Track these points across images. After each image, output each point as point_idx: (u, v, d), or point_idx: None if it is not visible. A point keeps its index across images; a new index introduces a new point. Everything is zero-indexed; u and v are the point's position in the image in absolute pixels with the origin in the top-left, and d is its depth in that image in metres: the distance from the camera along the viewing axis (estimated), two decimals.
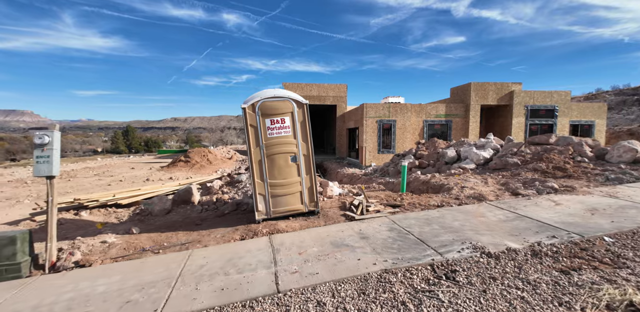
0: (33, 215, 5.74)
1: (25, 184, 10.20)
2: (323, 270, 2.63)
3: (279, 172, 4.24)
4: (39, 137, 3.33)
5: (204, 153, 16.33)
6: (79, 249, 3.63)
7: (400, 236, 3.26)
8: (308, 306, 2.15)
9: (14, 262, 3.17)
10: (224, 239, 3.75)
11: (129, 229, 4.38)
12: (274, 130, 4.19)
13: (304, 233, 3.65)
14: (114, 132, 76.62)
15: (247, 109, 4.10)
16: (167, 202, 5.14)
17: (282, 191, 4.25)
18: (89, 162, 21.90)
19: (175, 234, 4.12)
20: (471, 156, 8.89)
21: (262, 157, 4.17)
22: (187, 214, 5.10)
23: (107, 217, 5.67)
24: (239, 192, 5.87)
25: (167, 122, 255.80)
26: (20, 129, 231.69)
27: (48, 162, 3.37)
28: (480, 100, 18.86)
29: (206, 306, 2.24)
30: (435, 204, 4.43)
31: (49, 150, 3.38)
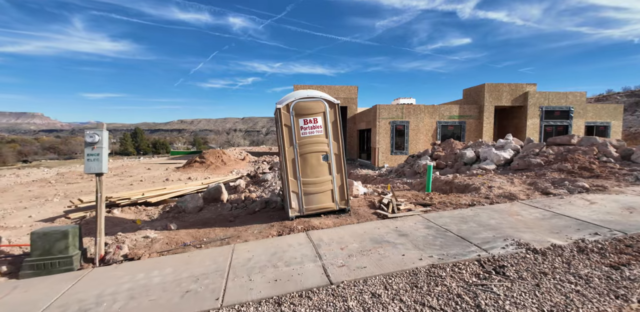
0: (67, 212, 5.96)
1: (50, 184, 10.54)
2: (370, 264, 2.70)
3: (311, 171, 4.33)
4: (90, 136, 3.50)
5: (218, 154, 16.59)
6: (124, 243, 3.78)
7: (440, 233, 3.31)
8: (364, 297, 2.23)
9: (66, 255, 3.33)
10: (262, 234, 3.86)
11: (166, 225, 4.53)
12: (307, 129, 4.30)
13: (340, 230, 3.73)
14: (123, 134, 78.00)
15: (281, 109, 4.22)
16: (200, 200, 5.29)
17: (314, 189, 4.34)
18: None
19: (212, 230, 4.25)
20: (491, 156, 8.86)
21: (296, 156, 4.28)
22: (218, 211, 5.24)
23: (138, 214, 5.85)
24: (266, 190, 5.99)
25: (174, 124, 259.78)
26: (30, 131, 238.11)
27: (98, 159, 3.54)
28: (495, 102, 18.70)
29: (264, 295, 2.34)
30: (467, 203, 4.46)
31: (98, 148, 3.55)
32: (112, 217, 5.55)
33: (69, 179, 11.40)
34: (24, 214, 6.25)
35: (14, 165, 35.03)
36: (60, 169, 17.83)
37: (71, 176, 12.35)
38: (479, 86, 19.21)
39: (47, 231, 3.34)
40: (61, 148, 66.83)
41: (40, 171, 16.42)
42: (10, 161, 38.79)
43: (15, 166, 32.86)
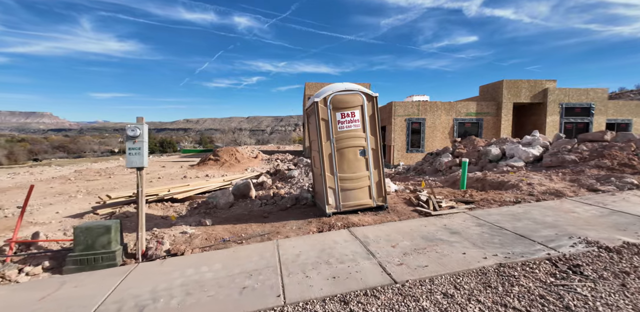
0: (95, 208, 5.99)
1: (70, 181, 10.68)
2: (430, 263, 2.59)
3: (348, 166, 4.23)
4: (132, 130, 3.46)
5: (232, 152, 16.62)
6: (163, 239, 3.74)
7: (495, 231, 3.17)
8: (436, 297, 2.12)
9: (109, 250, 3.31)
10: (302, 231, 3.78)
11: (199, 221, 4.49)
12: (344, 124, 4.19)
13: (384, 227, 3.62)
14: None
15: (319, 102, 4.12)
16: (230, 196, 5.24)
17: (351, 185, 4.24)
18: (112, 162, 22.68)
19: (248, 225, 4.18)
20: (519, 153, 8.62)
21: (332, 151, 4.18)
22: (248, 207, 5.18)
23: (166, 210, 5.84)
24: (294, 187, 5.91)
25: (180, 123, 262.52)
26: (40, 130, 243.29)
27: (139, 153, 3.50)
28: (513, 98, 18.29)
29: (328, 293, 2.25)
30: (511, 200, 4.30)
31: (139, 142, 3.51)
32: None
33: (87, 176, 11.54)
34: (51, 210, 6.31)
35: (25, 163, 35.84)
36: (74, 166, 18.12)
37: (89, 173, 12.51)
38: (496, 83, 18.81)
39: (90, 225, 3.32)
40: (70, 147, 68.14)
41: (53, 169, 16.71)
42: (21, 159, 39.71)
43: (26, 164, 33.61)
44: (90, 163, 22.77)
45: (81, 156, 58.78)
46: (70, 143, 70.97)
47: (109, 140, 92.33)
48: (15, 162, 36.11)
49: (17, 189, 8.80)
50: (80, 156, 59.06)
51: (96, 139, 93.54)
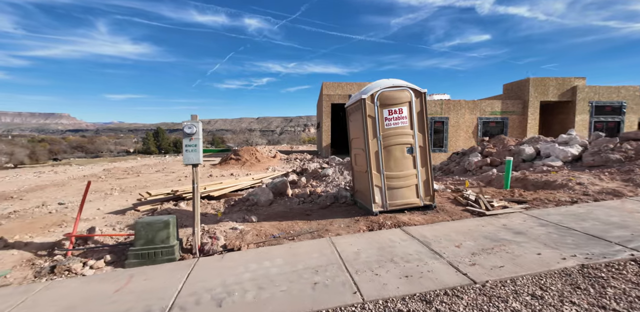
0: (135, 205, 6.17)
1: (101, 179, 11.05)
2: (506, 263, 2.52)
3: (395, 164, 4.19)
4: (189, 127, 3.53)
5: (252, 152, 16.80)
6: (214, 234, 3.80)
7: (563, 232, 3.06)
8: (524, 298, 2.05)
9: (168, 245, 3.39)
10: (351, 229, 3.76)
11: (243, 217, 4.54)
12: (391, 120, 4.15)
13: (438, 227, 3.56)
14: (146, 134, 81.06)
15: (366, 99, 4.10)
16: (270, 194, 5.29)
17: (398, 183, 4.19)
18: (131, 161, 23.28)
19: (294, 223, 4.20)
20: (556, 152, 8.33)
21: (379, 149, 4.15)
22: (288, 205, 5.21)
23: (204, 208, 5.95)
24: (329, 185, 5.91)
25: None
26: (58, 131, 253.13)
27: (195, 150, 3.57)
28: (540, 97, 17.73)
29: (406, 291, 2.22)
30: (566, 200, 4.15)
31: (196, 139, 3.58)
32: (181, 210, 5.67)
33: (116, 175, 11.92)
34: (92, 207, 6.53)
35: (45, 163, 37.36)
36: (96, 166, 18.74)
37: (117, 171, 12.92)
38: (522, 80, 18.27)
39: (150, 220, 3.41)
40: (88, 147, 70.56)
41: (76, 168, 17.31)
42: (42, 159, 41.43)
43: (47, 163, 35.00)
44: (108, 162, 23.53)
45: (98, 155, 60.80)
46: (87, 143, 73.53)
47: (124, 141, 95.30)
48: (36, 161, 37.71)
49: (54, 187, 9.18)
50: (97, 155, 61.12)
51: (112, 139, 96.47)
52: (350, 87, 23.51)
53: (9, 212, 6.10)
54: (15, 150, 36.42)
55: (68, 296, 2.55)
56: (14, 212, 6.03)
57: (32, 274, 3.16)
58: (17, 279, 3.09)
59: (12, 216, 5.80)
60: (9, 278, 3.12)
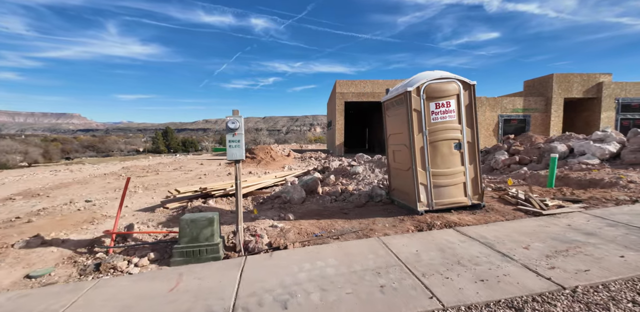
0: (164, 202, 6.13)
1: (122, 177, 11.12)
2: (590, 267, 2.33)
3: (442, 161, 4.00)
4: (232, 122, 3.43)
5: (267, 150, 16.75)
6: (255, 232, 3.69)
7: (639, 232, 2.84)
8: (626, 305, 1.87)
9: (212, 242, 3.29)
10: (398, 228, 3.60)
11: (278, 215, 4.43)
12: (438, 114, 3.97)
13: (496, 227, 3.37)
14: (155, 133, 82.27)
15: (412, 92, 3.92)
16: (302, 192, 5.17)
17: (444, 181, 4.01)
18: (144, 160, 23.50)
19: (333, 221, 4.06)
20: (592, 150, 7.99)
21: (425, 144, 3.97)
22: (320, 203, 5.08)
23: (232, 205, 5.87)
24: (361, 183, 5.76)
25: (199, 123, 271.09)
26: (69, 130, 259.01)
27: (239, 146, 3.47)
28: (564, 93, 17.19)
29: (487, 297, 2.05)
30: (626, 199, 3.90)
31: (239, 134, 3.47)
32: (210, 207, 5.60)
33: (136, 173, 12.00)
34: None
35: (58, 161, 38.17)
36: (108, 164, 18.98)
37: (135, 169, 13.02)
38: (545, 77, 17.73)
39: (194, 217, 3.32)
40: (99, 146, 72.02)
41: (90, 167, 17.54)
42: (55, 158, 42.40)
43: (60, 162, 35.73)
44: (119, 161, 23.87)
45: (109, 154, 61.96)
46: (98, 143, 75.06)
47: (134, 140, 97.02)
48: (49, 160, 38.56)
49: (77, 184, 9.26)
50: (108, 154, 62.29)
51: (121, 138, 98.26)
52: (364, 84, 23.27)
53: (37, 209, 6.13)
54: (30, 149, 37.31)
55: (120, 295, 2.47)
56: (43, 210, 6.06)
57: (77, 272, 3.11)
58: (62, 277, 3.04)
59: (42, 213, 5.83)
60: (54, 276, 3.07)
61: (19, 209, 6.24)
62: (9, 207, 6.42)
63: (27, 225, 5.04)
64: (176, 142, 77.93)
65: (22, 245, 3.83)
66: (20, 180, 11.43)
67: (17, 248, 3.79)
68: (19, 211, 6.04)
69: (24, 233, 4.59)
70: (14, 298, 2.52)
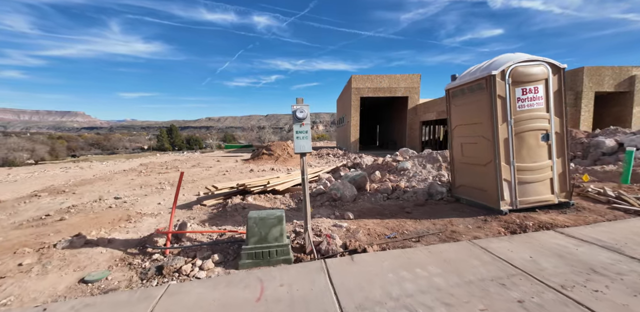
0: (200, 199, 5.85)
1: (143, 173, 10.90)
2: None
3: (527, 154, 3.62)
4: (300, 111, 3.09)
5: (284, 147, 16.45)
6: (320, 231, 3.36)
7: None
8: None
9: (282, 243, 2.97)
10: (486, 231, 3.24)
11: (333, 213, 4.11)
12: (524, 101, 3.58)
13: (605, 228, 2.99)
14: (159, 131, 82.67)
15: (496, 76, 3.53)
16: (354, 189, 4.82)
17: (530, 176, 3.63)
18: (150, 157, 23.39)
19: (401, 221, 3.71)
20: None
21: (510, 136, 3.58)
22: (372, 201, 4.74)
23: (272, 202, 5.56)
24: (412, 180, 5.39)
25: (202, 121, 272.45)
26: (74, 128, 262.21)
27: (306, 137, 3.14)
28: (595, 87, 16.54)
29: None
30: None
31: (306, 125, 3.14)
32: (251, 204, 5.29)
33: (155, 169, 11.78)
34: (151, 201, 6.26)
35: (65, 159, 38.38)
36: (114, 162, 18.86)
37: (154, 166, 12.82)
38: (575, 70, 17.07)
39: (263, 215, 3.00)
40: (104, 144, 72.61)
41: (99, 164, 17.40)
42: (61, 155, 42.69)
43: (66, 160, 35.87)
44: (125, 159, 23.81)
45: (114, 152, 62.41)
46: (103, 140, 75.66)
47: (138, 138, 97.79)
48: (56, 158, 38.79)
49: (101, 181, 9.04)
50: (113, 152, 62.73)
51: (126, 136, 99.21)
52: (380, 79, 22.79)
53: (67, 206, 5.89)
54: (36, 147, 37.56)
55: (202, 305, 2.16)
56: (73, 207, 5.81)
57: (137, 276, 2.81)
58: (122, 282, 2.74)
59: (72, 211, 5.57)
60: (112, 280, 2.78)
61: (47, 206, 6.01)
62: (36, 204, 6.19)
63: (61, 223, 4.79)
64: (180, 140, 78.21)
65: (65, 245, 3.55)
66: (32, 177, 11.28)
67: (59, 248, 3.51)
68: (48, 208, 5.81)
69: (60, 232, 4.33)
70: (79, 308, 2.22)
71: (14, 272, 2.97)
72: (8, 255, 3.40)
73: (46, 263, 3.13)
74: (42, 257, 3.30)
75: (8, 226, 4.82)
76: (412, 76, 22.56)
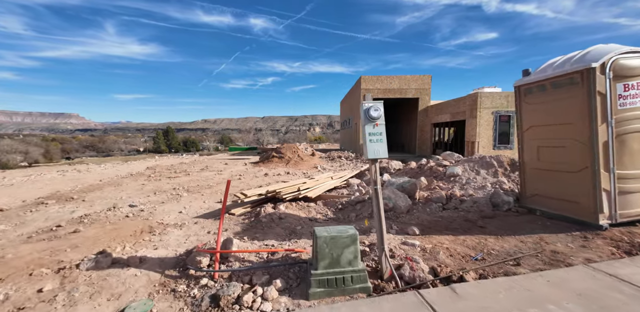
0: (228, 208, 5.39)
1: (152, 177, 10.42)
2: None
3: (630, 160, 3.18)
4: (375, 109, 2.67)
5: (294, 149, 16.00)
6: (392, 251, 2.90)
7: None
8: None
9: (357, 268, 2.51)
10: (595, 251, 2.78)
11: (390, 226, 3.64)
12: (626, 99, 3.15)
13: None
14: (156, 133, 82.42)
15: (596, 69, 3.10)
16: (407, 198, 4.37)
17: (633, 185, 3.19)
18: (149, 160, 22.84)
19: (480, 239, 3.26)
20: None
21: (610, 138, 3.15)
22: (428, 211, 4.28)
23: (305, 211, 5.09)
24: (468, 187, 4.93)
25: (198, 123, 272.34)
26: (67, 130, 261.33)
27: (381, 140, 2.71)
28: None
29: None
30: None
31: (380, 125, 2.71)
32: (284, 213, 4.83)
33: (164, 173, 11.29)
34: (170, 210, 5.78)
35: (59, 161, 37.79)
36: (110, 164, 18.33)
37: (161, 170, 12.33)
38: None
39: (333, 233, 2.54)
40: (99, 146, 72.15)
41: (97, 167, 16.85)
42: (55, 158, 42.12)
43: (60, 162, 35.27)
44: (121, 161, 23.31)
45: (110, 154, 61.78)
46: (98, 142, 75.16)
47: (133, 140, 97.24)
48: (50, 160, 38.17)
49: (110, 186, 8.53)
50: (108, 154, 62.13)
51: (121, 138, 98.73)
52: (390, 80, 22.41)
53: (79, 216, 5.41)
54: (30, 149, 36.95)
55: None
56: (86, 216, 5.33)
57: (189, 309, 2.33)
58: None
59: (85, 221, 5.09)
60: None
61: (56, 215, 5.53)
62: (44, 213, 5.71)
63: (76, 236, 4.31)
64: (177, 142, 77.69)
65: (90, 266, 3.08)
66: (29, 181, 10.75)
67: (84, 270, 3.04)
68: (58, 218, 5.33)
69: (78, 247, 3.85)
70: None
71: (34, 302, 2.49)
72: (23, 277, 2.93)
73: (72, 290, 2.65)
74: (65, 281, 2.83)
75: (16, 238, 4.34)
76: (423, 77, 22.22)
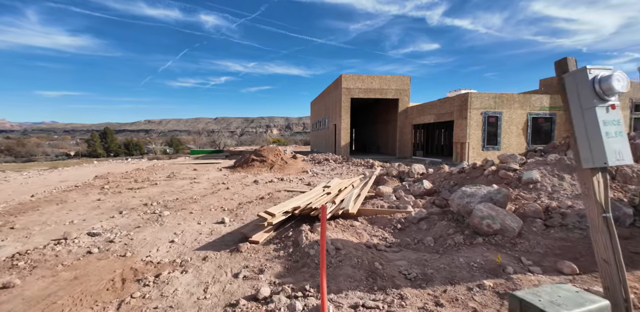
0: (245, 234, 3.90)
1: (106, 190, 8.25)
2: None
3: None
4: (618, 79, 1.67)
5: (276, 152, 14.45)
6: None
7: None
8: None
9: None
10: None
11: (519, 259, 2.64)
12: None
13: None
14: (91, 134, 74.12)
15: None
16: (515, 216, 3.37)
17: None
18: (86, 166, 19.54)
19: None
20: None
21: None
22: (536, 231, 3.36)
23: (353, 233, 3.87)
24: (558, 196, 4.13)
25: (141, 124, 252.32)
26: None
27: (621, 134, 1.69)
28: None
29: None
30: None
31: (618, 109, 1.71)
32: (335, 240, 3.58)
33: (122, 184, 9.08)
34: (155, 238, 4.11)
35: None
36: (32, 172, 15.18)
37: (116, 179, 9.94)
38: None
39: None
40: (18, 150, 62.55)
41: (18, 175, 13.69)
42: None
43: None
44: (47, 167, 19.81)
45: (31, 159, 53.50)
46: (17, 146, 64.99)
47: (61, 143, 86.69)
48: None
49: (50, 205, 6.22)
50: (30, 159, 53.74)
51: (45, 141, 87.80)
52: (371, 80, 21.94)
53: (8, 255, 3.53)
54: None
55: None
56: (21, 256, 3.48)
57: None
58: None
59: (20, 264, 3.28)
60: None
61: None
62: None
63: (6, 298, 2.61)
64: (116, 145, 69.89)
65: None
66: None
67: None
68: None
69: None
70: None
71: None
72: None
73: None
74: None
75: None
76: (403, 78, 22.22)
